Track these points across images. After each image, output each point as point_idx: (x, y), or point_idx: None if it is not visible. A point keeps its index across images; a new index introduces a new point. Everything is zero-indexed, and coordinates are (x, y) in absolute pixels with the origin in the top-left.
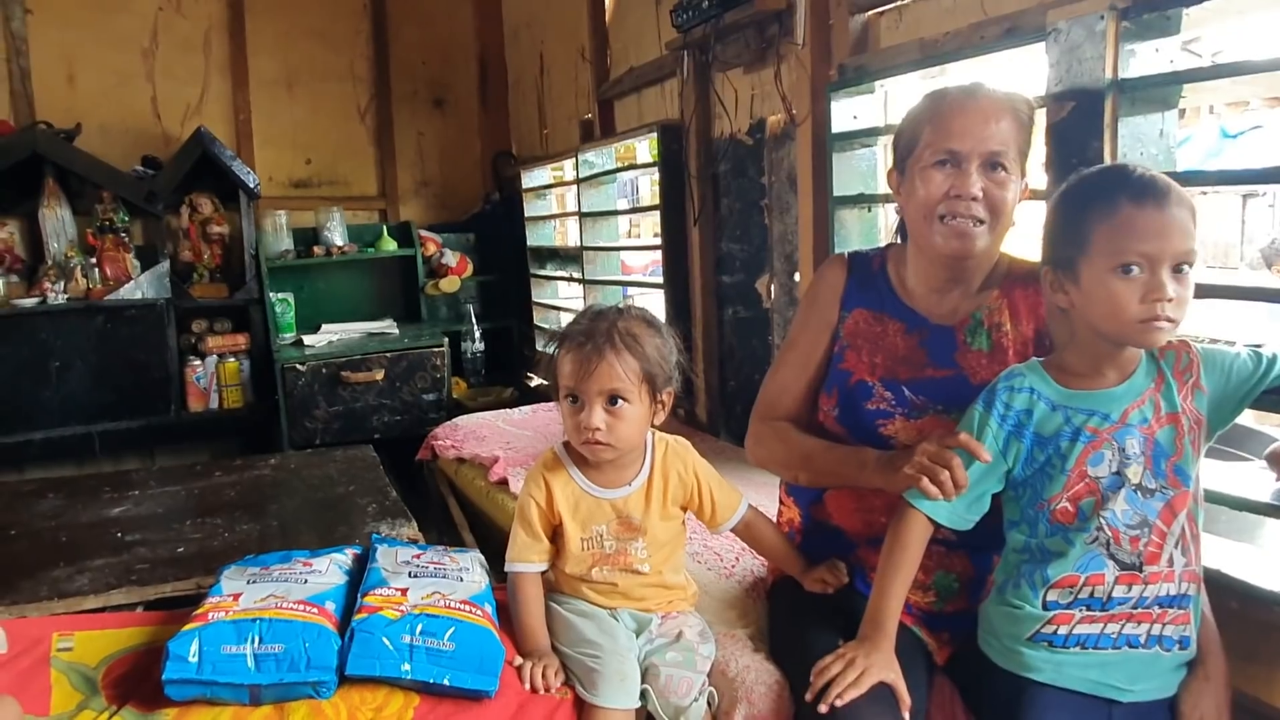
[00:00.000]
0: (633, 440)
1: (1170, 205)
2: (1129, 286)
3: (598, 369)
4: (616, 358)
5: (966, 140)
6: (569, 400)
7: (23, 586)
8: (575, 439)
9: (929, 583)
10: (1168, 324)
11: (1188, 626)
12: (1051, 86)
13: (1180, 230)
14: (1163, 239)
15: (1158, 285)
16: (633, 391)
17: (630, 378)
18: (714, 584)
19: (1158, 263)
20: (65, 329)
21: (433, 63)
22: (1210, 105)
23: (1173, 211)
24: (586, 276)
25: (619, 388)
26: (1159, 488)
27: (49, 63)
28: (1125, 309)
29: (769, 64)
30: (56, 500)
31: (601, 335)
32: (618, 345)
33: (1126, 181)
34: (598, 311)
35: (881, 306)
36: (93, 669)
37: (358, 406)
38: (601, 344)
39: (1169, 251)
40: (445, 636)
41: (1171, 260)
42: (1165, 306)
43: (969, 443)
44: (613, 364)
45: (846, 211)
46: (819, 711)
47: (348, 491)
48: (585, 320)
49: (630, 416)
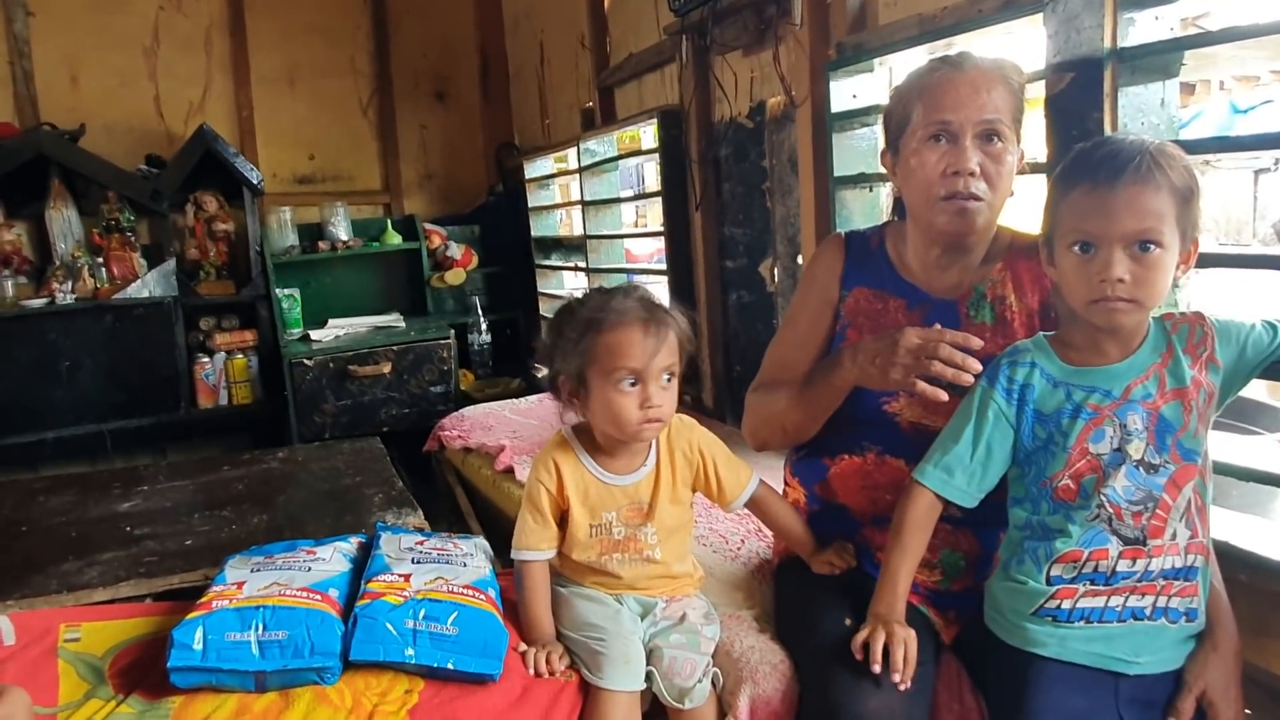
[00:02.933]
0: (673, 415)
1: (1123, 184)
2: (1083, 265)
3: (657, 346)
4: (672, 336)
5: (959, 111)
6: (625, 382)
7: (33, 580)
8: (630, 421)
9: (935, 561)
10: (1123, 304)
11: (1195, 598)
12: (1050, 57)
13: (1133, 209)
14: (1109, 217)
15: (1104, 264)
16: (677, 367)
17: (678, 354)
18: (719, 566)
19: (1105, 241)
20: (74, 329)
21: (433, 55)
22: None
23: (1126, 190)
24: (591, 265)
25: (672, 364)
26: (1163, 463)
27: (52, 64)
28: (1080, 287)
29: (767, 45)
30: (67, 497)
31: (659, 313)
32: (666, 324)
33: (1088, 158)
34: (623, 291)
35: (882, 284)
36: (99, 659)
37: (366, 400)
38: (663, 320)
39: (1118, 230)
40: (448, 621)
41: (1122, 239)
42: (1117, 286)
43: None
44: (668, 341)
45: (848, 192)
46: (819, 686)
47: (355, 482)
48: (619, 299)
49: (674, 392)
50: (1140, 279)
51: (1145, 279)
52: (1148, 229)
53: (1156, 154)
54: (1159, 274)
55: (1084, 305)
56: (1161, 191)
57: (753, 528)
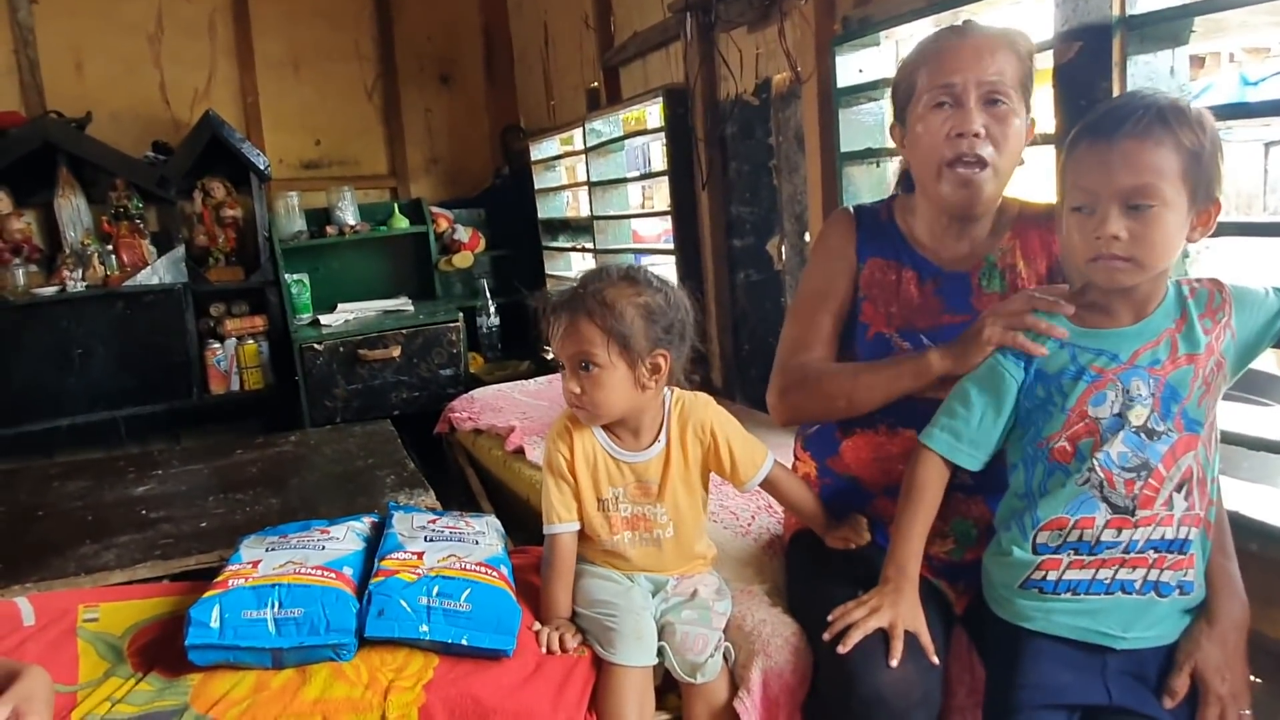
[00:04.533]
0: (613, 405)
1: (1120, 137)
2: (1082, 223)
3: (565, 335)
4: (581, 323)
5: (962, 74)
6: (559, 367)
7: (51, 564)
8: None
9: (947, 530)
10: (1121, 263)
11: (1189, 571)
12: (1058, 26)
13: (1129, 164)
14: (1104, 173)
15: (1100, 221)
16: (601, 355)
17: (597, 342)
18: (731, 542)
19: (1099, 199)
20: (86, 316)
21: (437, 38)
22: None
23: (1123, 144)
24: (598, 247)
25: (586, 352)
26: (1165, 430)
27: (57, 52)
28: (1079, 247)
29: (772, 21)
30: (82, 481)
31: (571, 302)
32: (579, 311)
33: (1094, 116)
34: (583, 277)
35: (896, 255)
36: (118, 638)
37: (376, 384)
38: (567, 310)
39: (1112, 186)
40: (462, 598)
41: (1118, 195)
42: (1112, 244)
43: (1043, 302)
44: (578, 329)
45: (855, 168)
46: (838, 653)
47: (367, 465)
48: (570, 287)
49: (605, 382)
50: (1138, 236)
51: (1143, 236)
52: (1143, 185)
53: (1166, 109)
54: (1158, 232)
55: (1084, 264)
56: (1162, 148)
57: (763, 504)
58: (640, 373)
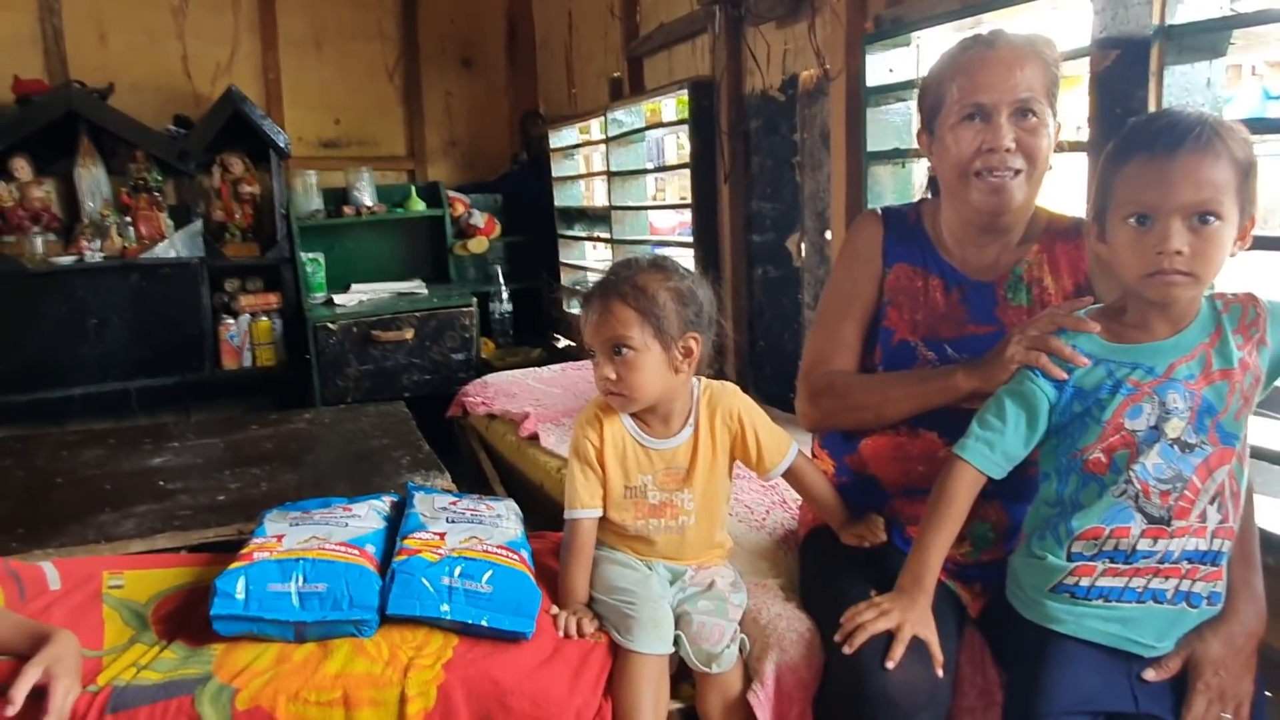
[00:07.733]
0: (649, 389)
1: (1183, 154)
2: (1139, 237)
3: (599, 321)
4: (615, 307)
5: (993, 92)
6: (591, 356)
7: (71, 530)
8: (600, 392)
9: (965, 533)
10: (1180, 278)
11: (1219, 583)
12: (1096, 34)
13: (1192, 179)
14: (1167, 188)
15: (1161, 236)
16: (636, 338)
17: (631, 324)
18: (745, 536)
19: (1162, 213)
20: (102, 287)
21: (460, 21)
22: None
23: (1185, 160)
24: (615, 237)
25: (620, 335)
26: (1199, 443)
27: (80, 21)
28: (1135, 261)
29: (802, 17)
30: (98, 451)
31: (603, 289)
32: (612, 295)
33: (1145, 129)
34: (612, 266)
35: (923, 261)
36: (143, 605)
37: (388, 365)
38: (599, 297)
39: (1176, 201)
40: (483, 579)
41: (1181, 211)
42: (1174, 259)
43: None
44: (612, 313)
45: (880, 168)
46: (844, 654)
47: (381, 445)
48: (602, 277)
49: (640, 364)
50: (1198, 251)
51: (1203, 252)
52: (1207, 199)
53: (1217, 125)
54: (1217, 248)
55: (1138, 279)
56: (1221, 161)
57: (778, 499)
58: (674, 355)
